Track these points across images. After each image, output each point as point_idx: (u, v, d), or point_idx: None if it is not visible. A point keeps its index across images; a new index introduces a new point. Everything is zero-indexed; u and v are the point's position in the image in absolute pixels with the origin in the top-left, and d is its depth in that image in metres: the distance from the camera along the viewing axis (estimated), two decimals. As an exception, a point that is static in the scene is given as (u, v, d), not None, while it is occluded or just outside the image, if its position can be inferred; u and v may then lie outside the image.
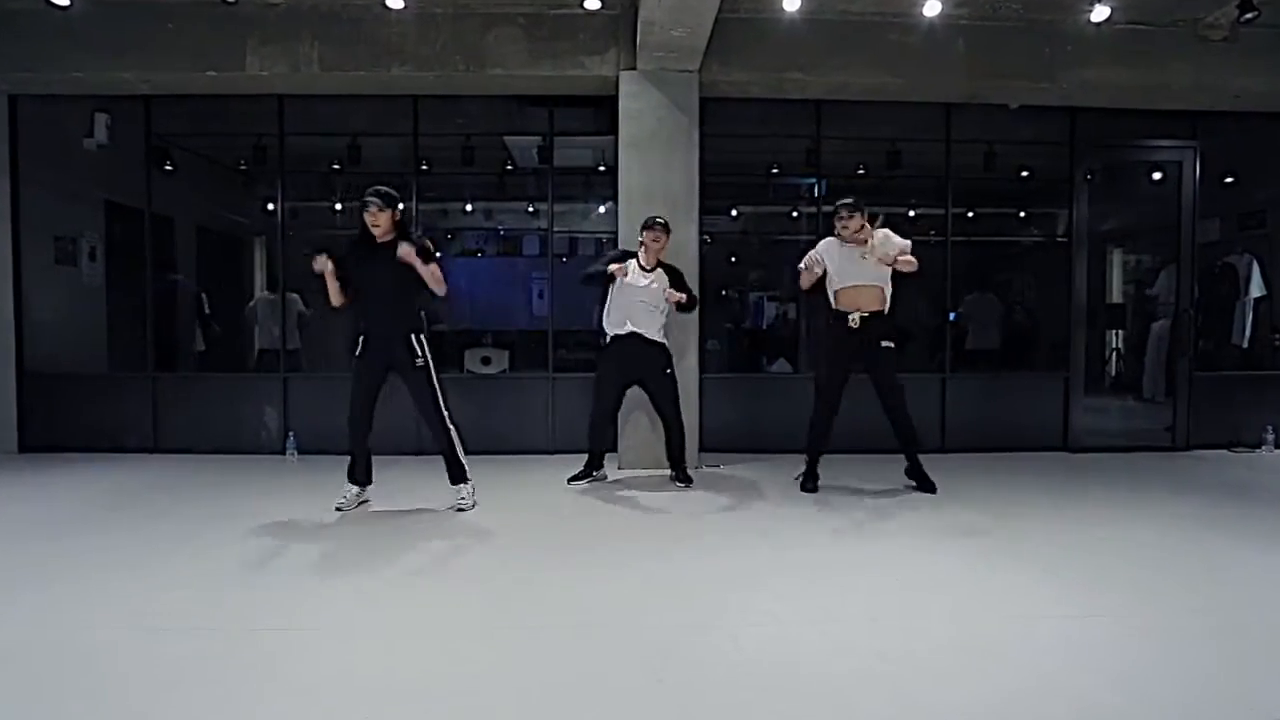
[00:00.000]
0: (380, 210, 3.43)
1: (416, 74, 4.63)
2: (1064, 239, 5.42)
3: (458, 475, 3.65)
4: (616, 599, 2.54)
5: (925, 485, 4.05)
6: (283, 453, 4.99)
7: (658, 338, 4.13)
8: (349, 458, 3.62)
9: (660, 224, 4.11)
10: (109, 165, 5.37)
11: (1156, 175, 5.57)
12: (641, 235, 4.13)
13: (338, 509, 3.58)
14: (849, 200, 3.91)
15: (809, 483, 4.07)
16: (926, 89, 4.89)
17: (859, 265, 3.88)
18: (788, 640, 2.20)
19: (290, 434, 5.03)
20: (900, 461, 4.18)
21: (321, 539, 3.22)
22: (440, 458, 3.67)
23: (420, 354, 3.52)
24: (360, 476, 3.65)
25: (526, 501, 3.89)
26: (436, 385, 3.57)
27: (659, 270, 4.14)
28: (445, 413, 3.59)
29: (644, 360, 4.11)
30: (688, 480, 4.21)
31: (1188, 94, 4.90)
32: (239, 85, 4.77)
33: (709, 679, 1.97)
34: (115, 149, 5.27)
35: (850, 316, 3.90)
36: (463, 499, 3.62)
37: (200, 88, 4.82)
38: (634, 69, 4.58)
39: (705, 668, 2.03)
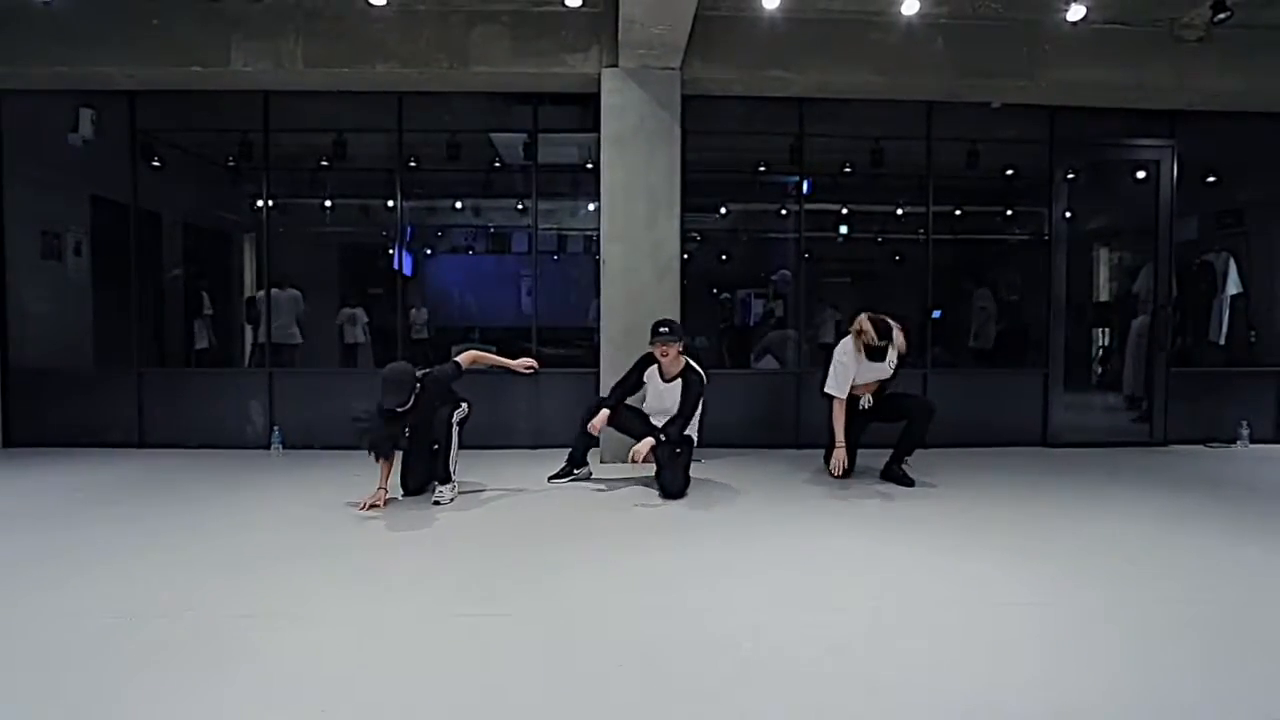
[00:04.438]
0: (407, 403, 3.55)
1: (400, 71, 4.66)
2: (1045, 237, 5.47)
3: (445, 476, 3.72)
4: (586, 590, 2.58)
5: (903, 480, 4.11)
6: (268, 448, 5.01)
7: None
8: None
9: (665, 333, 3.92)
10: (95, 160, 5.38)
11: (1138, 174, 5.63)
12: (652, 347, 3.99)
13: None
14: (884, 343, 3.97)
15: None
16: (907, 87, 4.94)
17: (878, 371, 4.12)
18: (753, 626, 2.24)
19: (275, 428, 5.05)
20: (872, 457, 4.29)
21: (301, 531, 3.25)
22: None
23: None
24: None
25: (506, 497, 3.92)
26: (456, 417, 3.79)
27: (679, 381, 4.03)
28: (455, 425, 3.77)
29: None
30: None
31: (1166, 93, 4.96)
32: (224, 81, 4.79)
33: (672, 663, 2.01)
34: (101, 144, 5.29)
35: (862, 400, 4.18)
36: (441, 492, 3.67)
37: (185, 83, 4.84)
38: (616, 66, 4.62)
39: (668, 652, 2.07)
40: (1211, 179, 5.78)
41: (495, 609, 2.39)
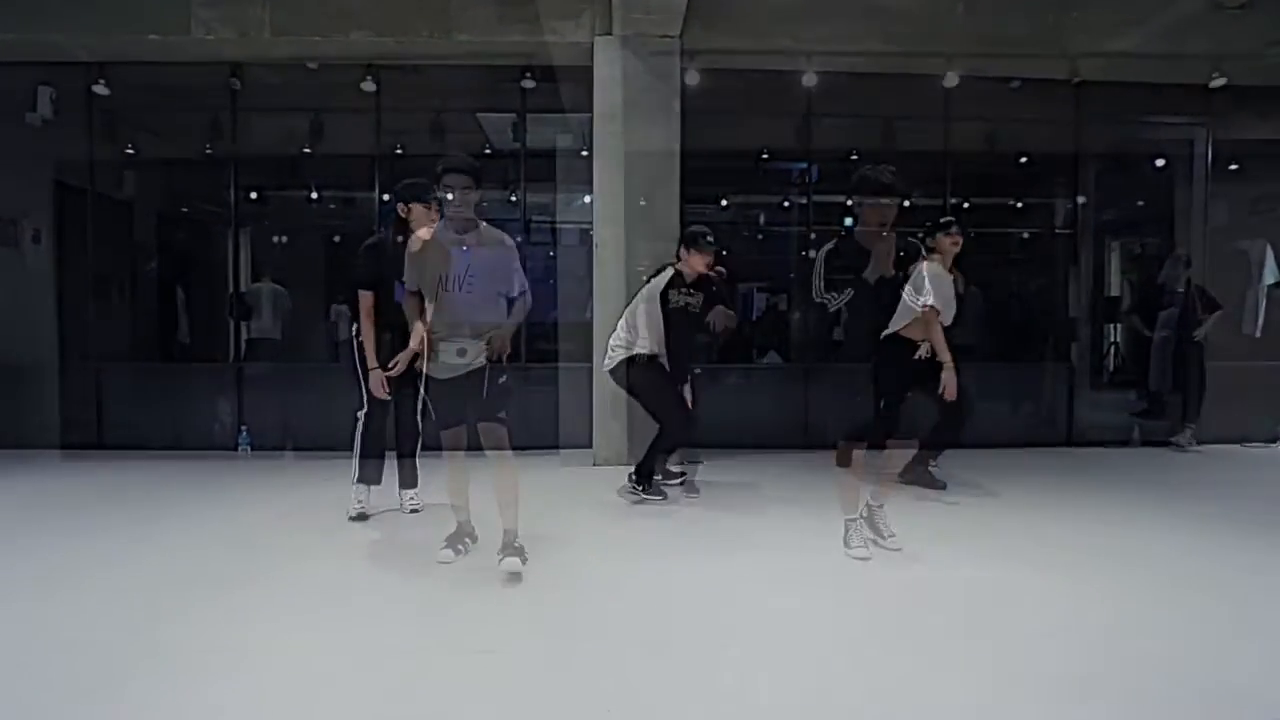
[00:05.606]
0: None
1: (377, 39, 4.30)
2: (1067, 230, 5.11)
3: (411, 481, 3.34)
4: (575, 618, 2.21)
5: (932, 484, 3.74)
6: (235, 449, 4.65)
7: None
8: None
9: (712, 243, 3.46)
10: (58, 144, 5.01)
11: (1169, 155, 5.26)
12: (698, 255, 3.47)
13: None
14: (953, 218, 3.51)
15: None
16: (924, 59, 4.58)
17: (951, 299, 3.26)
18: (762, 666, 1.89)
19: (243, 429, 4.68)
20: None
21: (263, 549, 2.89)
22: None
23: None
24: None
25: (490, 504, 3.56)
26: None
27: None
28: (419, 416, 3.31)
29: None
30: (680, 478, 3.85)
31: (1203, 66, 4.59)
32: (184, 51, 4.42)
33: (664, 710, 1.65)
34: (64, 128, 4.91)
35: (922, 347, 3.12)
36: (414, 497, 3.32)
37: (142, 54, 4.47)
38: (610, 34, 4.25)
39: (663, 696, 1.72)
40: (1247, 160, 5.40)
41: (473, 644, 2.02)
